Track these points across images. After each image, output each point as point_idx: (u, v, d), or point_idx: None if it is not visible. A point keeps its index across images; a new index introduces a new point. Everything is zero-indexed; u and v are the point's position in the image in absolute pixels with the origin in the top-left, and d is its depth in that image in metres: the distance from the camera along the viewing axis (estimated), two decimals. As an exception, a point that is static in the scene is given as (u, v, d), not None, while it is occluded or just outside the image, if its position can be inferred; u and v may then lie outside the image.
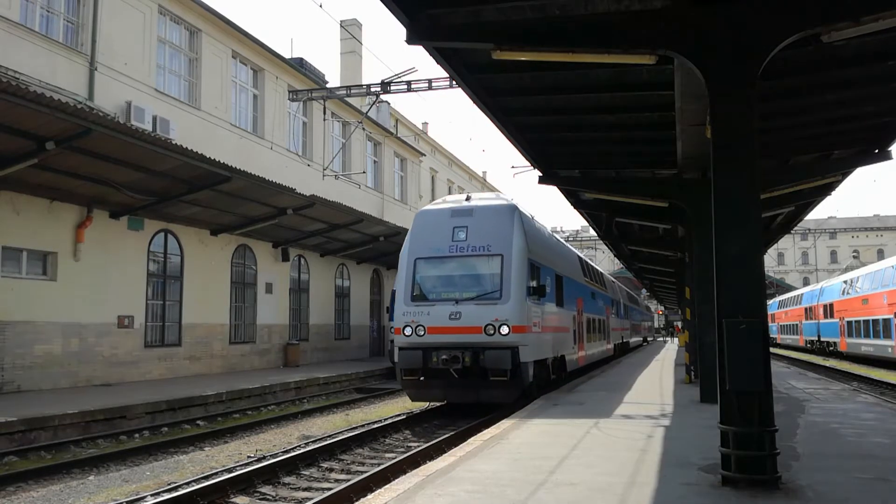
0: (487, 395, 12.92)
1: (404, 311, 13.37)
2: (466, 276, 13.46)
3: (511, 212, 13.76)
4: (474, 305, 12.98)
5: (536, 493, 6.12)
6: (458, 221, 13.83)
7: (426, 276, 13.69)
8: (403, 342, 13.30)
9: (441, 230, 13.82)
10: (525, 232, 13.61)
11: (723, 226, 6.50)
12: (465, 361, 12.52)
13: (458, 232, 13.65)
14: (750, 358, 6.19)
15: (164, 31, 22.07)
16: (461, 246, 13.53)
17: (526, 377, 12.83)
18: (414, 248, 13.95)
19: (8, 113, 12.06)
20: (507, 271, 13.07)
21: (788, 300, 53.19)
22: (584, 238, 69.37)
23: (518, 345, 12.67)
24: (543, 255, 15.05)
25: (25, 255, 15.99)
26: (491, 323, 12.73)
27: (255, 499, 8.10)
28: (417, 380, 13.30)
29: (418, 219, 14.40)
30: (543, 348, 14.46)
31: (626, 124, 11.89)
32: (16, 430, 11.30)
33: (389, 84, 23.08)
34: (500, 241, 13.35)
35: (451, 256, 13.57)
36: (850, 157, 13.20)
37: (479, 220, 13.69)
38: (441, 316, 13.05)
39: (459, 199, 14.67)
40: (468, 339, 12.75)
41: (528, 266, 13.37)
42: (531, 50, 7.69)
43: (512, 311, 12.79)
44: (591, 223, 22.05)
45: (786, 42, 6.48)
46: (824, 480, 6.54)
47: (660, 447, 8.39)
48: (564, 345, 17.04)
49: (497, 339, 12.60)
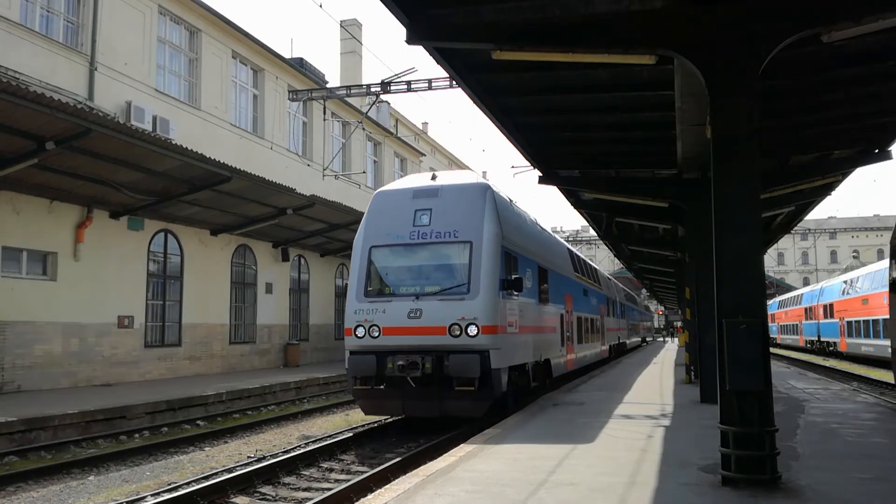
0: (452, 407, 11.08)
1: (356, 309, 11.50)
2: (429, 266, 11.60)
3: (482, 192, 11.87)
4: (437, 301, 11.12)
5: (532, 499, 6.11)
6: (422, 203, 11.93)
7: (382, 268, 11.88)
8: (355, 345, 11.43)
9: (401, 214, 11.94)
10: (499, 216, 11.80)
11: (723, 226, 6.50)
12: (426, 368, 10.69)
13: (421, 216, 11.77)
14: (750, 358, 6.19)
15: (164, 31, 22.07)
16: (424, 232, 11.66)
17: (498, 386, 11.01)
18: (369, 234, 12.09)
19: (8, 113, 12.06)
20: (476, 261, 11.18)
21: (788, 300, 53.21)
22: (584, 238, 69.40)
23: (488, 348, 10.82)
24: (523, 245, 13.31)
25: (25, 255, 15.99)
26: (456, 322, 10.89)
27: (255, 499, 8.10)
28: (370, 389, 11.28)
29: (375, 201, 12.47)
30: (521, 351, 12.65)
31: (626, 124, 11.89)
32: (16, 430, 11.29)
33: (389, 84, 23.08)
34: (469, 226, 11.47)
35: (412, 244, 11.70)
36: (850, 157, 13.20)
37: (445, 202, 11.83)
38: (398, 314, 11.21)
39: (424, 178, 12.82)
40: (430, 342, 10.96)
41: (502, 255, 11.58)
42: (531, 50, 7.69)
43: (482, 308, 10.94)
44: (591, 223, 22.05)
45: (786, 42, 6.48)
46: (824, 480, 6.54)
47: (660, 447, 8.39)
48: (549, 347, 15.34)
49: (463, 342, 10.81)
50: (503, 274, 11.56)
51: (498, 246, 11.46)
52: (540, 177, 14.53)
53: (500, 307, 11.29)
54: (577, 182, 14.84)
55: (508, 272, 11.94)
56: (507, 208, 12.85)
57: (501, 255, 11.56)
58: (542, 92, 10.52)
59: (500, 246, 11.53)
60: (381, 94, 23.79)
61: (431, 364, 10.72)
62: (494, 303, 11.11)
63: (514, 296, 12.11)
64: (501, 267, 11.51)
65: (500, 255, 11.52)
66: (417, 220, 11.79)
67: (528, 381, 13.22)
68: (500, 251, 11.48)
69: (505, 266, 11.74)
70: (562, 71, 9.38)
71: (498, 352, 11.04)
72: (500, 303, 11.35)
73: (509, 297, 11.85)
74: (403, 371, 10.80)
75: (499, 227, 11.65)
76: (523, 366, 12.85)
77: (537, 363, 14.03)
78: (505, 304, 11.58)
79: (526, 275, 13.17)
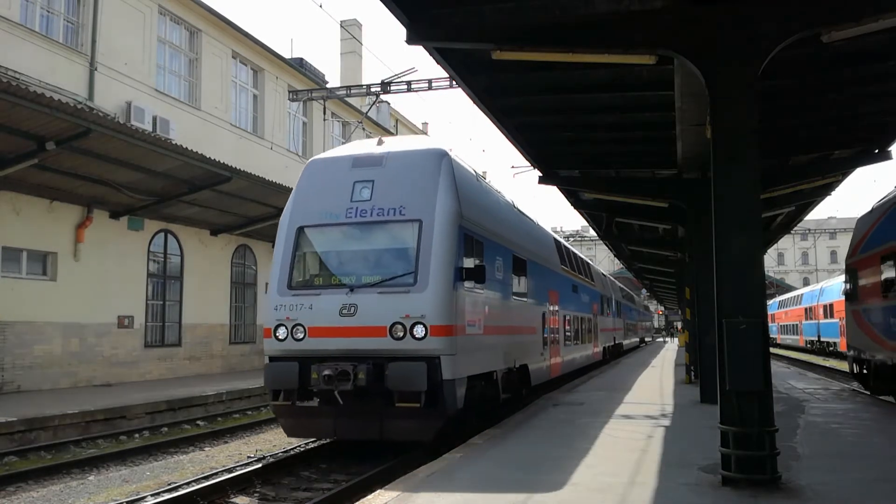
0: (393, 428, 8.95)
1: (277, 305, 9.40)
2: (368, 252, 9.62)
3: (437, 160, 9.74)
4: (377, 295, 9.01)
5: (536, 493, 6.11)
6: (362, 174, 9.82)
7: (311, 253, 9.89)
8: (274, 349, 9.34)
9: (337, 187, 9.83)
10: (458, 191, 9.65)
11: (723, 226, 6.50)
12: (358, 379, 8.54)
13: (362, 189, 9.69)
14: (750, 358, 6.19)
15: (164, 31, 22.08)
16: (363, 209, 9.55)
17: (451, 401, 8.81)
18: (297, 212, 9.97)
19: (8, 113, 12.06)
20: (426, 244, 9.08)
21: (788, 300, 53.21)
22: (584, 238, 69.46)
23: (440, 353, 8.72)
24: (491, 228, 11.15)
25: (25, 255, 15.99)
26: (399, 321, 8.78)
27: (255, 499, 8.10)
28: (292, 406, 9.21)
29: (307, 172, 10.34)
30: (487, 357, 10.53)
31: (626, 124, 11.90)
32: (16, 430, 11.30)
33: (389, 84, 23.09)
34: (419, 201, 9.39)
35: (349, 223, 9.61)
36: (850, 157, 13.20)
37: (391, 173, 9.73)
38: (328, 311, 9.09)
39: (368, 144, 10.70)
40: (366, 346, 8.88)
41: (460, 238, 9.44)
42: (531, 50, 7.70)
43: (432, 303, 8.80)
44: (591, 223, 22.06)
45: (786, 42, 6.48)
46: (824, 480, 6.54)
47: (660, 447, 8.39)
48: (527, 350, 13.25)
49: (408, 346, 8.73)
50: (461, 261, 9.41)
51: (455, 226, 9.33)
52: (540, 177, 14.53)
53: (456, 302, 9.12)
54: (577, 182, 14.84)
55: (470, 258, 9.84)
56: (469, 182, 10.69)
57: (460, 237, 9.43)
58: (542, 92, 10.53)
59: (459, 226, 9.41)
60: (381, 94, 23.80)
61: (367, 374, 8.58)
62: (448, 297, 8.95)
63: (478, 289, 10.06)
64: (459, 252, 9.37)
65: (459, 237, 9.39)
66: (356, 194, 9.68)
67: (497, 392, 11.09)
68: (457, 233, 9.35)
69: (465, 251, 9.62)
70: (562, 71, 9.39)
71: (452, 358, 8.86)
72: (457, 297, 9.18)
73: (470, 291, 9.73)
74: (329, 383, 8.61)
75: (457, 203, 9.48)
76: (490, 375, 10.74)
77: (510, 370, 11.94)
78: (464, 299, 9.44)
79: (495, 264, 11.10)
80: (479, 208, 10.79)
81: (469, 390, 9.46)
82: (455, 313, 9.09)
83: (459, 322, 9.21)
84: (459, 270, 9.29)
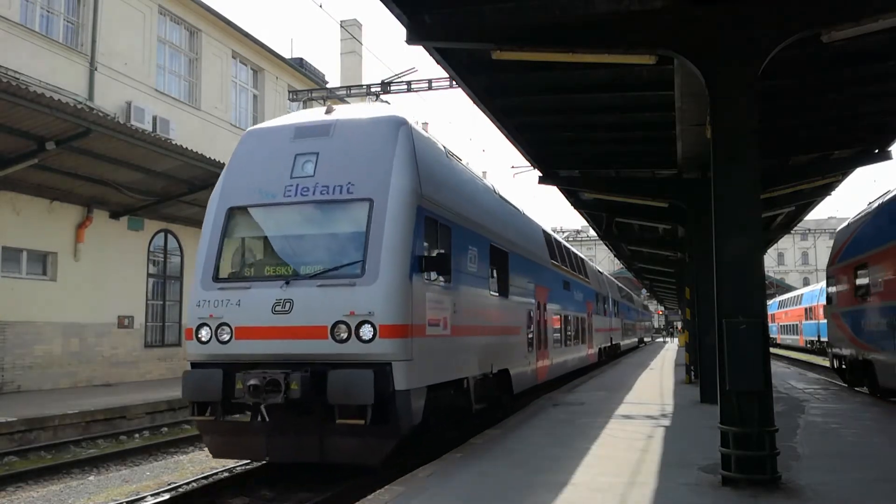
0: (335, 449, 7.55)
1: (200, 300, 8.03)
2: (309, 237, 8.28)
3: (392, 129, 8.32)
4: (317, 289, 7.60)
5: (537, 492, 6.12)
6: (305, 146, 8.41)
7: (241, 239, 8.57)
8: (196, 353, 7.97)
9: (275, 161, 8.45)
10: (419, 166, 8.26)
11: (723, 226, 6.50)
12: (291, 390, 7.17)
13: (304, 163, 8.29)
14: (750, 358, 6.19)
15: (164, 31, 22.08)
16: (305, 186, 8.15)
17: (406, 416, 7.42)
18: (228, 190, 8.59)
19: (8, 113, 12.07)
20: (377, 228, 7.68)
21: (788, 300, 53.20)
22: (584, 238, 69.47)
23: (392, 359, 7.34)
24: (461, 211, 9.66)
25: (25, 255, 15.99)
26: (343, 320, 7.39)
27: (254, 499, 8.10)
28: (216, 422, 7.75)
29: (242, 144, 8.96)
30: (454, 362, 9.09)
31: (626, 124, 11.90)
32: (16, 430, 11.30)
33: (389, 84, 23.10)
34: (370, 177, 7.98)
35: (287, 204, 8.20)
36: (850, 157, 13.21)
37: (338, 144, 8.32)
38: (259, 307, 7.70)
39: (316, 113, 9.28)
40: (303, 350, 7.51)
41: (419, 221, 8.03)
42: (531, 50, 7.70)
43: (382, 297, 7.41)
44: (591, 223, 22.06)
45: (786, 42, 6.49)
46: (824, 480, 6.54)
47: (660, 447, 8.40)
48: (509, 353, 11.90)
49: (353, 349, 7.37)
50: (421, 248, 7.99)
51: (413, 207, 7.92)
52: (540, 177, 14.54)
53: (413, 297, 7.70)
54: (577, 182, 14.84)
55: (432, 245, 8.38)
56: (434, 157, 9.19)
57: (419, 220, 8.00)
58: (542, 92, 10.53)
59: (417, 207, 8.00)
60: (381, 94, 23.80)
61: (302, 384, 7.19)
62: (403, 290, 7.54)
63: (442, 282, 8.62)
64: (418, 238, 7.93)
65: (417, 220, 7.97)
66: (298, 169, 8.29)
67: (468, 402, 9.65)
68: (415, 215, 7.93)
69: (425, 237, 8.20)
70: (562, 71, 9.39)
71: (408, 364, 7.48)
72: (415, 291, 7.77)
73: (432, 285, 8.31)
74: (256, 395, 7.20)
75: (416, 180, 8.07)
76: (459, 383, 9.30)
77: (486, 376, 10.53)
78: (423, 294, 8.01)
79: (467, 254, 9.72)
80: (447, 189, 9.29)
81: (430, 402, 8.01)
82: (411, 310, 7.63)
83: (417, 321, 7.76)
84: (418, 260, 7.84)
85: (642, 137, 12.59)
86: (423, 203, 8.13)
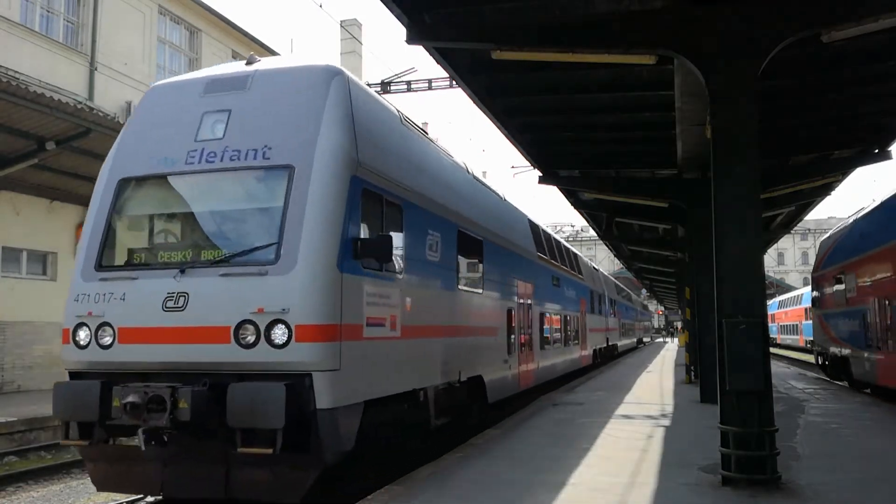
0: (243, 483, 6.08)
1: (79, 294, 6.61)
2: (212, 215, 6.75)
3: (324, 80, 6.78)
4: (219, 279, 6.14)
5: (536, 492, 6.12)
6: (217, 102, 6.88)
7: (132, 218, 7.05)
8: (74, 360, 6.54)
9: (180, 122, 6.93)
10: (356, 127, 6.72)
11: (723, 226, 6.50)
12: (179, 409, 5.72)
13: (214, 123, 6.77)
14: (750, 358, 6.19)
15: (164, 31, 22.08)
16: (212, 152, 6.63)
17: (332, 442, 5.96)
18: (121, 158, 7.08)
19: (8, 113, 12.07)
20: (298, 202, 6.19)
21: (788, 300, 53.19)
22: (584, 238, 69.46)
23: (313, 368, 5.90)
24: (416, 188, 7.99)
25: (25, 255, 16.00)
26: (250, 319, 5.96)
27: (255, 499, 8.09)
28: (95, 446, 6.37)
29: (144, 103, 7.41)
30: (406, 370, 7.53)
31: (626, 124, 11.90)
32: (16, 430, 11.29)
33: (389, 84, 23.13)
34: (292, 138, 6.49)
35: (189, 173, 6.68)
36: (850, 157, 13.21)
37: (257, 100, 6.82)
38: (147, 303, 6.25)
39: (235, 65, 7.62)
40: (200, 357, 6.07)
41: (353, 193, 6.47)
42: (531, 50, 7.70)
43: (301, 289, 5.96)
44: (591, 223, 22.06)
45: (786, 42, 6.49)
46: (824, 480, 6.54)
47: (660, 447, 8.39)
48: (483, 357, 10.41)
49: (262, 356, 5.92)
50: (356, 229, 6.53)
51: (345, 176, 6.40)
52: (540, 177, 14.53)
53: (343, 290, 6.21)
54: (577, 182, 14.84)
55: (372, 228, 6.93)
56: (380, 120, 7.60)
57: (354, 193, 6.49)
58: (542, 92, 10.53)
59: (352, 178, 6.48)
60: (381, 94, 23.80)
61: (194, 401, 5.72)
62: (329, 281, 6.07)
63: (389, 273, 7.13)
64: (352, 215, 6.43)
65: (352, 193, 6.46)
66: (205, 130, 6.77)
67: (424, 416, 8.15)
68: (348, 186, 6.41)
69: (363, 216, 6.71)
70: (562, 71, 9.40)
71: (334, 376, 5.98)
72: (347, 282, 6.26)
73: (373, 275, 6.78)
74: (135, 414, 5.74)
75: (351, 143, 6.56)
76: (413, 395, 7.74)
77: (450, 386, 8.93)
78: (360, 287, 6.52)
79: (425, 240, 8.23)
80: (399, 160, 7.75)
81: (370, 420, 6.60)
82: (340, 306, 6.14)
83: (350, 320, 6.27)
84: (352, 243, 6.35)
85: (642, 137, 12.59)
86: (360, 172, 6.62)
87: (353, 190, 6.50)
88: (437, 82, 22.52)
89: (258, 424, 5.65)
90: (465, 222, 9.81)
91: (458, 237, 9.45)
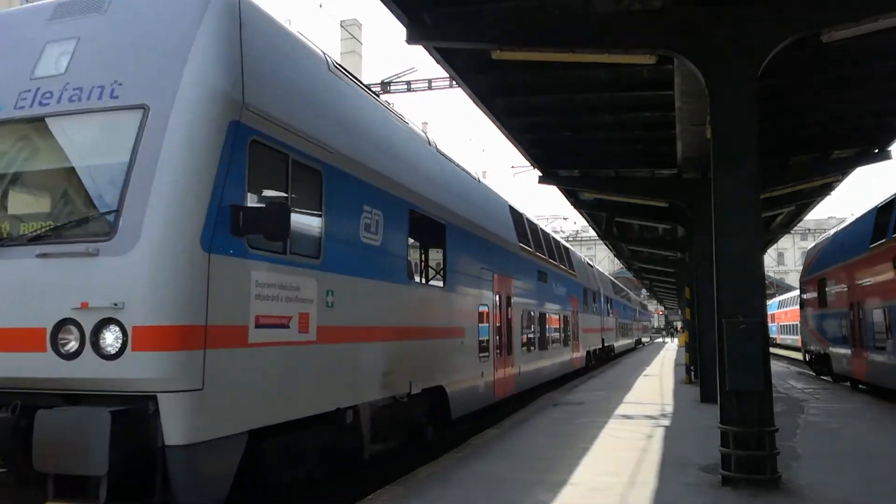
0: None
1: None
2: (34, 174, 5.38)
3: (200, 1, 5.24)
4: (34, 261, 4.68)
5: (536, 492, 6.12)
6: (63, 30, 5.45)
7: None
8: None
9: (18, 56, 5.48)
10: (243, 58, 5.22)
11: (723, 226, 6.51)
12: None
13: (58, 56, 5.33)
14: (750, 358, 6.20)
15: None
16: (48, 91, 5.19)
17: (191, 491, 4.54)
18: None
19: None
20: (149, 154, 4.73)
21: (788, 300, 53.15)
22: (584, 238, 69.46)
23: (158, 388, 4.45)
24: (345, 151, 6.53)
25: (25, 255, 15.95)
26: (71, 318, 4.52)
27: (255, 499, 8.09)
28: None
29: None
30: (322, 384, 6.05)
31: (626, 124, 11.90)
32: (16, 429, 11.27)
33: (389, 84, 23.14)
34: (150, 71, 5.06)
35: (16, 121, 5.24)
36: (850, 157, 13.22)
37: (113, 26, 5.36)
38: None
39: None
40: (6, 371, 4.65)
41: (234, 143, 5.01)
42: (531, 50, 7.71)
43: (143, 275, 4.50)
44: (591, 223, 22.08)
45: (786, 42, 6.49)
46: (824, 480, 6.55)
47: (660, 447, 8.40)
48: (444, 363, 9.04)
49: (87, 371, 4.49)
50: (239, 193, 5.02)
51: (221, 120, 4.93)
52: (540, 177, 14.54)
53: (212, 276, 4.71)
54: (577, 182, 14.85)
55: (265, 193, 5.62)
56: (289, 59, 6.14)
57: (235, 144, 5.02)
58: (542, 92, 10.53)
59: (232, 123, 5.00)
60: (381, 93, 23.83)
61: None
62: (189, 263, 4.60)
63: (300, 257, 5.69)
64: (231, 174, 4.95)
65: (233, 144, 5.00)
66: (45, 65, 5.32)
67: (357, 442, 6.73)
68: (225, 134, 4.93)
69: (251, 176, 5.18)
70: (562, 71, 9.39)
71: (192, 398, 4.53)
72: (217, 265, 4.75)
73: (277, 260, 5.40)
74: None
75: (234, 79, 5.08)
76: (337, 416, 6.25)
77: (396, 401, 7.50)
78: (245, 273, 5.05)
79: (359, 218, 6.74)
80: (319, 111, 6.32)
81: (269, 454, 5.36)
82: (206, 300, 4.63)
83: (222, 319, 4.77)
84: (232, 212, 4.88)
85: (642, 137, 12.60)
86: (247, 119, 5.10)
87: (234, 140, 4.96)
88: (437, 82, 22.55)
89: (71, 469, 4.21)
90: (420, 201, 8.35)
91: (411, 218, 8.02)
